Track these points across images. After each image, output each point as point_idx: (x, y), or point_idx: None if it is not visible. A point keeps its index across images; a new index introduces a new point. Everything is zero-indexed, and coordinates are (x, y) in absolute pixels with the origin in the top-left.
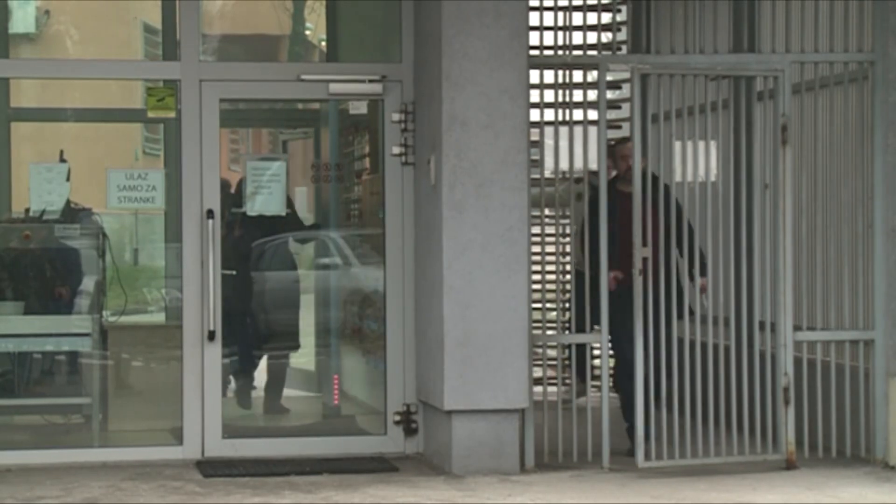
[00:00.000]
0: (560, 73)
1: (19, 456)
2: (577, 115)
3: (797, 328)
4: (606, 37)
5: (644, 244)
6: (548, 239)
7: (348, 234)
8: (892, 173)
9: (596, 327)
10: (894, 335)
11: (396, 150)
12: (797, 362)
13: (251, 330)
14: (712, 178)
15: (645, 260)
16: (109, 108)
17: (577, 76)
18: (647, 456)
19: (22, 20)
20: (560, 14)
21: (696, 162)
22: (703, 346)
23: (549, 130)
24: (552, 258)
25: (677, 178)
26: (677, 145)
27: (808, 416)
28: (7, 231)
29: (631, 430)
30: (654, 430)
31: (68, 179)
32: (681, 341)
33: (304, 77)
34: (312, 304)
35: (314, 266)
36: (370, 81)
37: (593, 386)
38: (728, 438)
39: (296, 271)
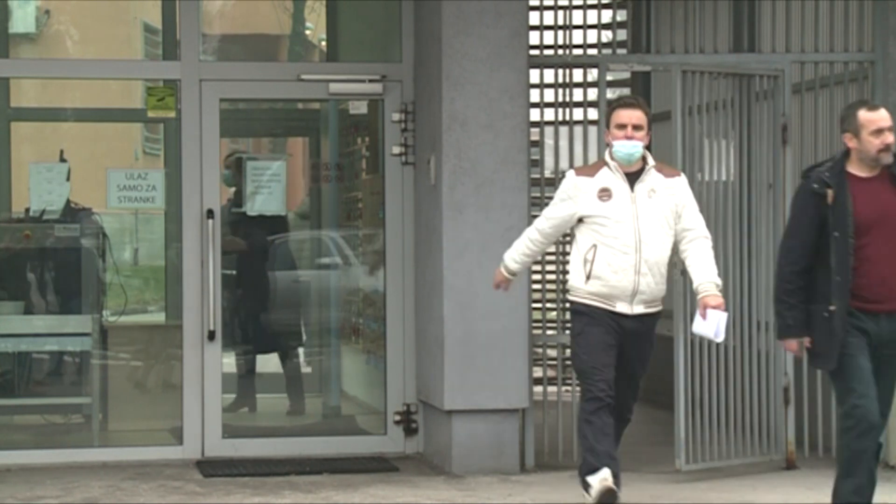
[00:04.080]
0: (560, 72)
1: (19, 456)
2: (578, 114)
3: None
4: (606, 36)
5: None
6: None
7: (348, 234)
8: None
9: None
10: None
11: (396, 150)
12: (797, 362)
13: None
14: (724, 178)
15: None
16: (109, 108)
17: (578, 75)
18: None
19: (22, 20)
20: (560, 13)
21: (712, 161)
22: (716, 346)
23: (549, 130)
24: (552, 258)
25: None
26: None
27: (808, 416)
28: (7, 231)
29: None
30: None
31: (68, 179)
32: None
33: (304, 77)
34: (312, 303)
35: (314, 266)
36: (370, 81)
37: None
38: (731, 440)
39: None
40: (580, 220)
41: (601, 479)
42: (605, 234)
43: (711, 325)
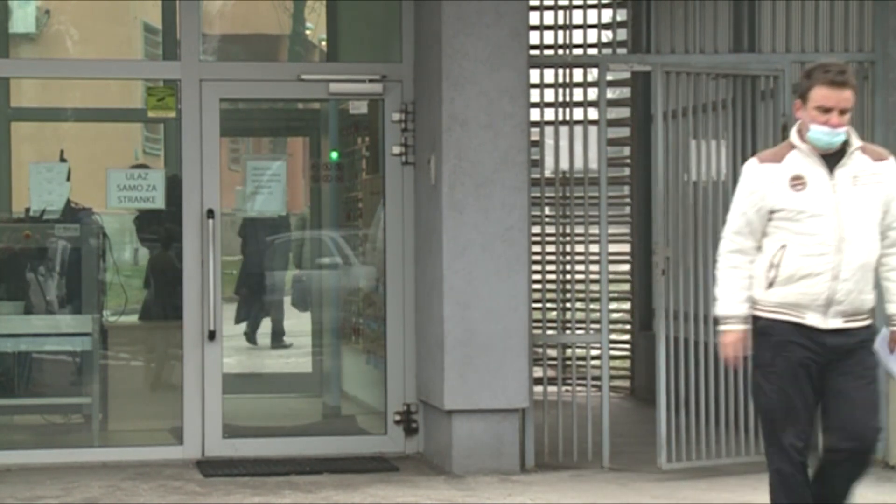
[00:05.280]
0: (560, 72)
1: (19, 456)
2: (578, 114)
3: None
4: (607, 36)
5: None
6: (548, 239)
7: (348, 234)
8: None
9: (595, 325)
10: None
11: (396, 150)
12: None
13: None
14: (723, 178)
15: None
16: (109, 108)
17: (578, 75)
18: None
19: (22, 20)
20: (560, 13)
21: (709, 161)
22: (705, 345)
23: (549, 130)
24: (552, 258)
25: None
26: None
27: None
28: (7, 231)
29: None
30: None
31: (68, 179)
32: (679, 341)
33: (304, 77)
34: (312, 303)
35: (314, 266)
36: (370, 81)
37: (593, 386)
38: (732, 439)
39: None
40: (769, 219)
41: None
42: (799, 231)
43: None
